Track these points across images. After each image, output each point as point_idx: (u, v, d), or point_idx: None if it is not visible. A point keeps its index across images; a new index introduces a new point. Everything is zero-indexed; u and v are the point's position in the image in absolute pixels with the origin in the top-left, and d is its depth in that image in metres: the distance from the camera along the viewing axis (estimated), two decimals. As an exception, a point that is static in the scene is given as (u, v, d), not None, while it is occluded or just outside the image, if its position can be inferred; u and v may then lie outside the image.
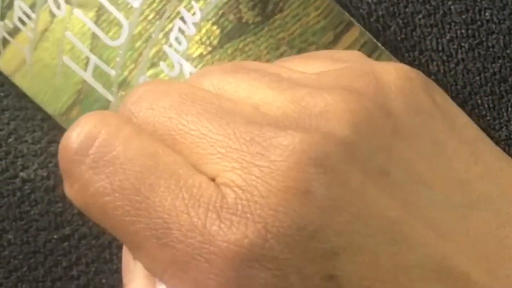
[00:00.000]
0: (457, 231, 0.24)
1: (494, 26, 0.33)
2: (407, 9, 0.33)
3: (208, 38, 0.31)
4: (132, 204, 0.23)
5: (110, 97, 0.32)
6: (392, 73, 0.26)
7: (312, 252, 0.22)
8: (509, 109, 0.33)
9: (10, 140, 0.33)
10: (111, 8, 0.31)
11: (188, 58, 0.31)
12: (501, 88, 0.33)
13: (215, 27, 0.31)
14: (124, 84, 0.32)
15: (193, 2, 0.31)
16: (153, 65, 0.31)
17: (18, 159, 0.33)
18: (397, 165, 0.24)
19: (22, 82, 0.32)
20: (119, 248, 0.32)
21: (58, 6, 0.31)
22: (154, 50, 0.31)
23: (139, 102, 0.25)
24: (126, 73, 0.32)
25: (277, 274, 0.22)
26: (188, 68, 0.31)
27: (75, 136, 0.24)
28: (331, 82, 0.25)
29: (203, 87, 0.26)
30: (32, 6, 0.32)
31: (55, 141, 0.33)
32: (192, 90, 0.26)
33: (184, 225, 0.23)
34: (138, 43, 0.31)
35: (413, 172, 0.24)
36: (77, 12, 0.31)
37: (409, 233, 0.23)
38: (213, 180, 0.24)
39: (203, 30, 0.31)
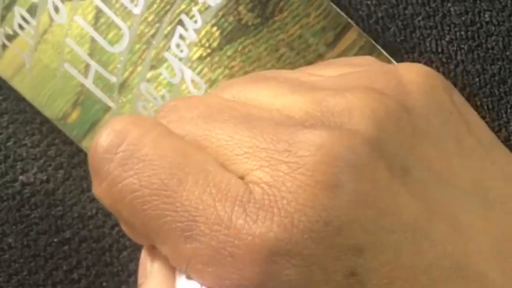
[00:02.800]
0: (475, 230, 0.24)
1: (493, 28, 0.33)
2: (406, 11, 0.33)
3: (208, 40, 0.31)
4: (159, 199, 0.24)
5: (110, 103, 0.32)
6: (413, 72, 0.26)
7: (337, 248, 0.22)
8: (508, 110, 0.33)
9: (9, 143, 0.33)
10: (109, 12, 0.31)
11: (187, 61, 0.31)
12: (501, 90, 0.33)
13: (214, 29, 0.31)
14: (123, 88, 0.32)
15: (193, 8, 0.31)
16: (153, 67, 0.31)
17: (17, 162, 0.33)
18: (418, 163, 0.24)
19: (21, 85, 0.32)
20: (120, 251, 0.32)
21: (58, 12, 0.31)
22: (153, 53, 0.31)
23: (167, 115, 0.26)
24: (125, 75, 0.31)
25: (301, 271, 0.22)
26: (189, 74, 0.31)
27: (105, 135, 0.25)
28: (350, 83, 0.26)
29: (227, 98, 0.26)
30: (31, 11, 0.31)
31: (54, 144, 0.33)
32: (218, 100, 0.26)
33: (210, 219, 0.23)
34: (137, 46, 0.31)
35: (433, 171, 0.24)
36: (77, 18, 0.31)
37: (429, 231, 0.23)
38: (241, 179, 0.24)
39: (203, 32, 0.31)
